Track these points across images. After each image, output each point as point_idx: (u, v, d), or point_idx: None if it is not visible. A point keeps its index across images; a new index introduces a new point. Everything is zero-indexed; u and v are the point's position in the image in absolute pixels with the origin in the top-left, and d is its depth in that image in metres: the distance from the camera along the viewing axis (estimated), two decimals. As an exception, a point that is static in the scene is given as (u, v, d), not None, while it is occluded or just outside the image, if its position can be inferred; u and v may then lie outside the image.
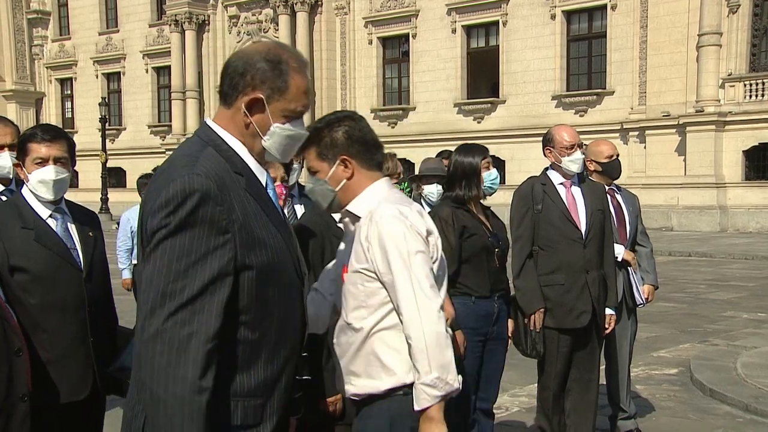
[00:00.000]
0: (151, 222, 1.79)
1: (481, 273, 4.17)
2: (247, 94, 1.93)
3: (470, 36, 28.73)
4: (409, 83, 29.72)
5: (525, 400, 5.99)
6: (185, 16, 33.18)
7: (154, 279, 1.75)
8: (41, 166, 3.08)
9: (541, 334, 4.47)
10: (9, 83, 39.08)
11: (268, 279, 1.87)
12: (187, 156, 1.87)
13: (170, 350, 1.71)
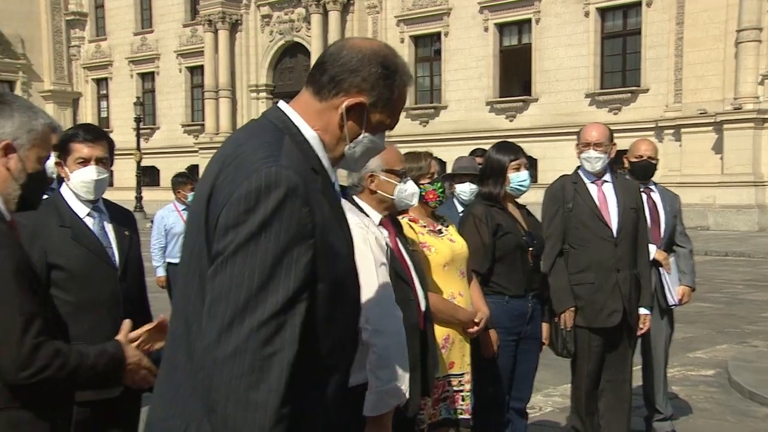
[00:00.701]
0: (226, 217, 1.55)
1: (515, 272, 4.14)
2: (353, 96, 1.73)
3: (502, 34, 28.56)
4: (441, 82, 29.63)
5: (558, 400, 5.95)
6: (218, 16, 33.42)
7: (233, 288, 1.51)
8: (83, 165, 3.12)
9: (572, 333, 4.45)
10: (47, 84, 39.69)
11: (336, 295, 1.67)
12: (267, 145, 1.64)
13: (250, 372, 1.47)
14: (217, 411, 1.49)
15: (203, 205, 1.63)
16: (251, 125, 1.78)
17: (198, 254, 1.64)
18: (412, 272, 3.36)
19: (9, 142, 2.15)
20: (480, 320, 3.78)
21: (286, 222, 1.53)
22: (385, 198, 3.33)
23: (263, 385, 1.48)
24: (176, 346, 1.69)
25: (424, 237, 3.75)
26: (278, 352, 1.50)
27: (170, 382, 1.68)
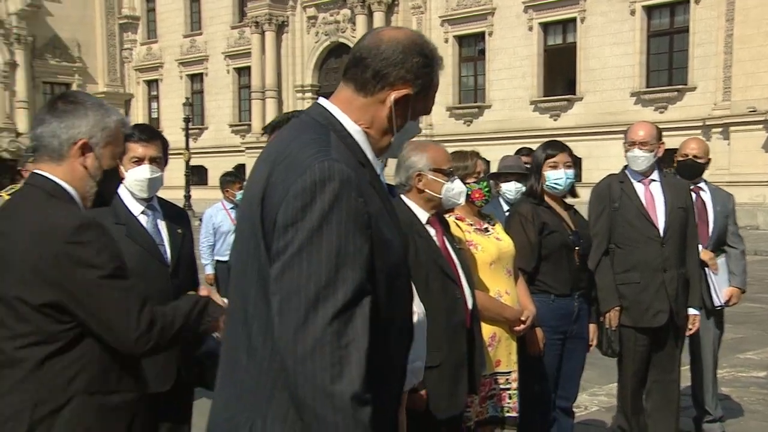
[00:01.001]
0: (284, 215, 1.56)
1: (561, 271, 4.10)
2: (399, 89, 1.73)
3: (547, 33, 28.29)
4: (485, 81, 29.46)
5: (604, 400, 5.88)
6: (265, 18, 33.70)
7: (302, 285, 1.52)
8: (137, 164, 3.18)
9: (617, 333, 4.40)
10: (101, 85, 40.45)
11: (392, 284, 1.68)
12: (315, 141, 1.65)
13: (332, 365, 1.49)
14: (307, 407, 1.51)
15: (256, 206, 1.64)
16: (295, 124, 1.78)
17: (254, 254, 1.65)
18: (459, 271, 3.36)
19: (86, 140, 2.19)
20: (527, 318, 3.75)
21: (344, 213, 1.54)
22: (433, 197, 3.33)
23: (345, 375, 1.50)
24: (236, 346, 1.70)
25: (471, 235, 3.74)
26: (353, 342, 1.52)
27: (232, 380, 1.69)
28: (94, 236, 2.08)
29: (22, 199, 2.21)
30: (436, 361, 3.19)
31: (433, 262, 3.25)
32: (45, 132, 2.18)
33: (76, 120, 2.18)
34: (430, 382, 3.16)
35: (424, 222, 3.35)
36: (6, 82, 37.42)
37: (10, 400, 2.05)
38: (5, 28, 37.07)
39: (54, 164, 2.18)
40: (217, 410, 1.74)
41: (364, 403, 1.52)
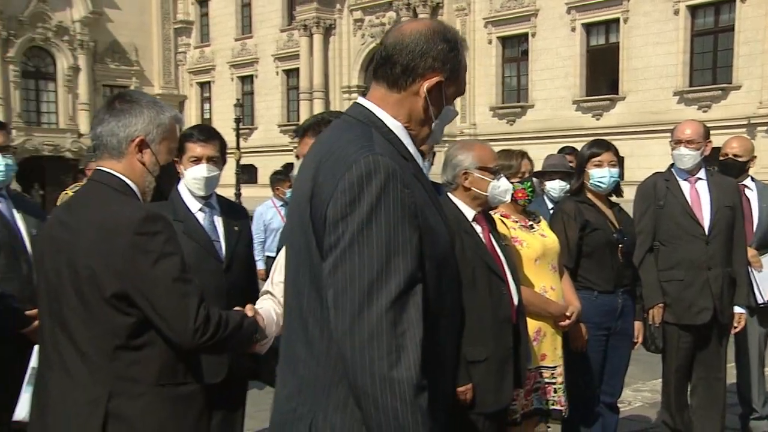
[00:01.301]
0: (334, 210, 1.56)
1: (604, 268, 4.06)
2: (429, 78, 1.73)
3: (589, 34, 27.91)
4: (528, 81, 29.19)
5: (648, 395, 5.80)
6: (313, 21, 33.87)
7: (356, 277, 1.53)
8: (195, 164, 3.22)
9: (661, 329, 4.34)
10: (157, 87, 41.07)
11: (443, 269, 1.68)
12: (359, 137, 1.66)
13: (389, 353, 1.51)
14: (367, 394, 1.52)
15: (305, 205, 1.65)
16: (337, 124, 1.79)
17: (306, 251, 1.66)
18: (505, 267, 3.35)
19: (142, 137, 2.22)
20: (571, 314, 3.72)
21: (392, 205, 1.55)
22: (479, 195, 3.32)
23: (402, 362, 1.51)
24: (294, 340, 1.72)
25: (516, 232, 3.72)
26: (408, 330, 1.53)
27: (293, 373, 1.70)
28: (161, 228, 2.11)
29: (87, 194, 2.25)
30: (483, 355, 3.18)
31: (479, 258, 3.24)
32: (104, 131, 2.22)
33: (132, 118, 2.21)
34: (476, 376, 3.15)
35: (470, 219, 3.35)
36: (69, 86, 38.22)
37: (87, 391, 2.08)
38: (70, 34, 37.84)
39: (114, 161, 2.22)
40: (280, 402, 1.76)
41: (422, 389, 1.53)
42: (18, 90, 36.64)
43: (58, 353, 2.13)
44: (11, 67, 36.26)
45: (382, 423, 1.52)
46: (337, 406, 1.61)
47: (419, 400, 1.52)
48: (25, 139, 34.86)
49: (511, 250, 3.57)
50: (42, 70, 38.08)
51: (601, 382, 4.10)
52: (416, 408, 1.52)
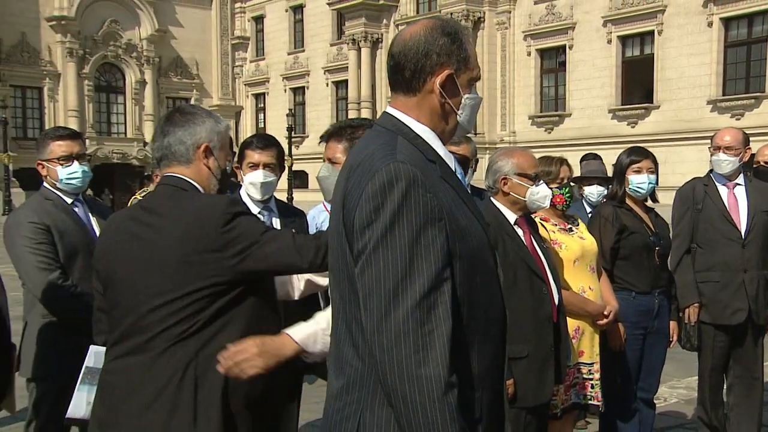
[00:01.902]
0: (359, 217, 1.57)
1: (641, 270, 4.01)
2: (438, 74, 1.70)
3: (625, 45, 27.55)
4: (565, 91, 28.93)
5: (683, 392, 5.69)
6: (361, 35, 34.05)
7: (381, 280, 1.52)
8: (253, 169, 3.27)
9: (696, 328, 4.28)
10: (215, 99, 41.74)
11: (475, 267, 1.65)
12: (383, 146, 1.65)
13: (417, 352, 1.49)
14: (396, 392, 1.51)
15: (339, 212, 1.66)
16: (368, 135, 1.79)
17: (342, 256, 1.66)
18: (546, 268, 3.32)
19: (207, 144, 2.27)
20: (609, 313, 3.68)
21: (414, 210, 1.53)
22: (518, 200, 3.31)
23: (430, 360, 1.49)
24: (342, 342, 1.71)
25: (556, 235, 3.70)
26: (435, 329, 1.51)
27: (341, 372, 1.70)
28: (246, 208, 2.17)
29: (161, 196, 2.25)
30: (524, 352, 3.16)
31: (521, 260, 3.22)
32: (172, 140, 2.26)
33: (197, 127, 2.26)
34: (517, 372, 3.14)
35: (512, 223, 3.33)
36: (136, 98, 39.10)
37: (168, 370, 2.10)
38: (137, 51, 38.75)
39: (183, 167, 2.26)
40: (330, 399, 1.75)
41: (451, 386, 1.51)
42: (91, 103, 37.65)
43: (133, 343, 2.15)
44: (86, 82, 37.29)
45: (411, 420, 1.51)
46: (383, 404, 1.60)
47: (448, 398, 1.50)
48: (96, 148, 35.72)
49: (552, 252, 3.54)
50: (112, 84, 39.08)
51: (638, 379, 4.05)
52: (445, 405, 1.49)
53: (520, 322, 3.08)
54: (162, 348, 2.10)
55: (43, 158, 3.34)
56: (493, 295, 1.74)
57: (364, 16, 33.79)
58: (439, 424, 1.49)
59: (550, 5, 28.85)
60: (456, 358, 1.54)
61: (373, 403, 1.62)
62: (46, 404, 3.18)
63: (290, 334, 2.14)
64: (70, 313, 3.18)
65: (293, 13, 40.00)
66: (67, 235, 3.24)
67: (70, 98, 36.64)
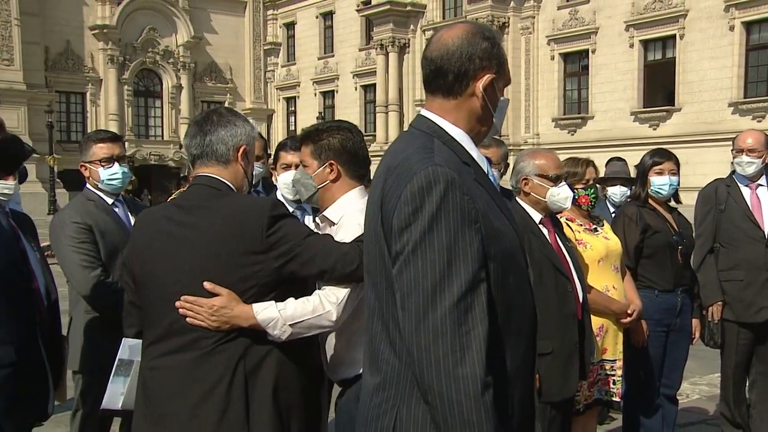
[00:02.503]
0: (398, 219, 1.55)
1: (664, 268, 3.97)
2: (481, 78, 1.68)
3: (647, 49, 27.22)
4: (588, 94, 28.67)
5: (705, 389, 5.61)
6: (389, 41, 34.04)
7: (420, 281, 1.51)
8: (286, 170, 3.27)
9: (720, 326, 4.22)
10: (248, 103, 42.02)
11: (508, 268, 1.64)
12: (421, 149, 1.63)
13: (454, 351, 1.48)
14: (433, 390, 1.50)
15: (377, 212, 1.64)
16: (404, 136, 1.76)
17: (380, 257, 1.65)
18: (571, 266, 3.29)
19: (245, 146, 2.27)
20: (633, 312, 3.64)
21: (451, 213, 1.52)
22: (539, 200, 3.29)
23: (467, 360, 1.48)
24: (378, 341, 1.70)
25: (581, 235, 3.66)
26: (472, 329, 1.50)
27: (377, 369, 1.70)
28: (288, 211, 2.17)
29: (197, 195, 2.21)
30: (548, 348, 3.14)
31: (545, 258, 3.20)
32: (214, 139, 2.23)
33: (237, 128, 2.25)
34: (542, 368, 3.11)
35: (537, 222, 3.31)
36: (173, 102, 39.51)
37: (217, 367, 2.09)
38: (174, 57, 39.17)
39: (221, 167, 2.23)
40: (366, 395, 1.75)
41: (487, 386, 1.50)
42: (130, 107, 38.14)
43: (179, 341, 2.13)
44: (126, 87, 37.78)
45: (448, 418, 1.50)
46: (420, 401, 1.59)
47: (484, 397, 1.49)
48: (135, 150, 36.16)
49: (576, 251, 3.51)
50: (150, 89, 39.52)
51: (660, 375, 4.00)
52: (481, 404, 1.48)
53: (545, 320, 3.02)
54: (209, 347, 2.08)
55: (86, 160, 3.39)
56: (524, 295, 1.72)
57: (391, 22, 33.78)
58: (474, 422, 1.48)
59: (573, 10, 28.62)
60: (491, 357, 1.53)
61: (409, 400, 1.61)
62: (90, 395, 3.23)
63: (255, 309, 2.10)
64: (111, 308, 3.21)
65: (323, 20, 40.14)
66: (108, 234, 3.29)
67: (110, 103, 37.15)
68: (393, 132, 34.22)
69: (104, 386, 2.99)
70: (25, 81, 32.44)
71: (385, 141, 34.47)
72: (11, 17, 32.53)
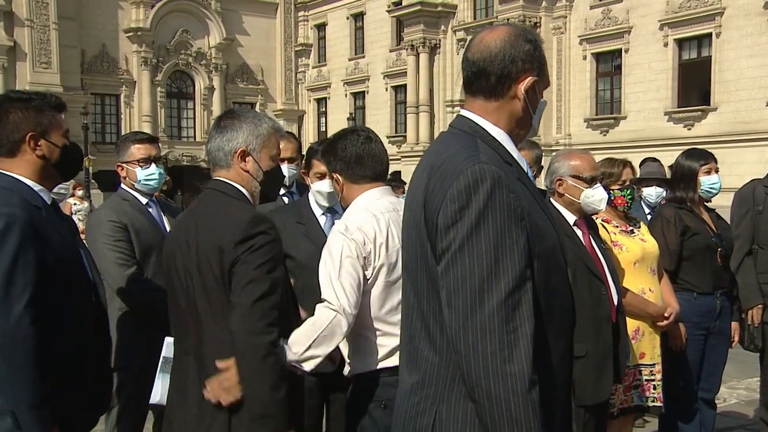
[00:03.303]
0: (444, 217, 1.55)
1: (703, 270, 3.90)
2: (524, 80, 1.68)
3: (681, 48, 26.78)
4: (621, 94, 28.29)
5: (743, 393, 5.50)
6: (420, 41, 33.98)
7: (467, 278, 1.51)
8: (320, 179, 3.27)
9: (760, 329, 4.12)
10: (279, 104, 42.27)
11: (550, 267, 1.64)
12: (465, 148, 1.63)
13: (502, 349, 1.48)
14: (480, 387, 1.50)
15: (419, 212, 1.64)
16: (445, 136, 1.77)
17: (422, 255, 1.65)
18: (605, 269, 3.24)
19: (243, 148, 2.32)
20: (670, 314, 3.57)
21: (498, 210, 1.52)
22: (573, 201, 3.25)
23: (515, 357, 1.48)
24: (417, 339, 1.70)
25: (617, 236, 3.61)
26: (520, 327, 1.50)
27: (416, 368, 1.69)
28: (265, 228, 2.19)
29: (203, 202, 2.36)
30: (582, 351, 3.09)
31: (579, 260, 3.16)
32: (213, 147, 2.35)
33: (234, 132, 2.32)
34: (576, 371, 3.05)
35: (571, 223, 3.27)
36: (205, 104, 39.90)
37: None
38: (206, 59, 39.56)
39: (225, 171, 2.33)
40: (404, 393, 1.74)
41: (534, 383, 1.50)
42: (163, 108, 38.62)
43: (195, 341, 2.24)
44: (159, 89, 38.27)
45: (495, 415, 1.49)
46: (460, 400, 1.59)
47: (531, 394, 1.49)
48: (168, 151, 36.56)
49: (611, 253, 3.45)
50: (183, 90, 39.98)
51: (698, 379, 3.93)
52: (528, 401, 1.48)
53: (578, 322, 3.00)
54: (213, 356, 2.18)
55: (123, 160, 3.44)
56: (565, 295, 1.72)
57: (422, 23, 33.71)
58: (522, 419, 1.48)
59: (606, 10, 28.28)
60: (536, 355, 1.53)
61: (449, 397, 1.61)
62: (125, 391, 3.27)
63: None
64: (145, 306, 3.26)
65: (354, 21, 40.23)
66: (143, 233, 3.34)
67: (144, 104, 37.66)
68: (424, 133, 34.18)
69: (138, 382, 3.07)
70: (62, 84, 33.00)
71: (415, 142, 34.44)
72: (50, 21, 33.17)
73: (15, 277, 2.16)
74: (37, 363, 2.16)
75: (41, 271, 2.23)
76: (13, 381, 2.13)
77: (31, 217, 2.25)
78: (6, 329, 2.13)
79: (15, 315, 2.14)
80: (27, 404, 2.14)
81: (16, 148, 2.35)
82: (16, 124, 2.34)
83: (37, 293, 2.20)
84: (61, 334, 2.33)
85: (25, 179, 2.35)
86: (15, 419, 2.13)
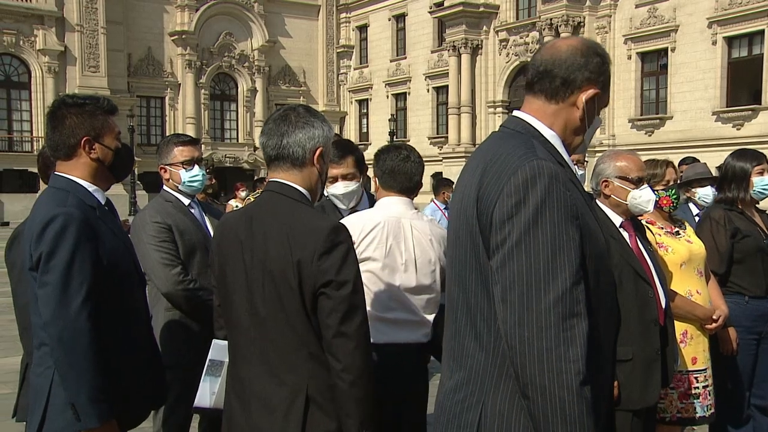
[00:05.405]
0: (500, 211, 1.55)
1: (755, 273, 3.81)
2: (586, 90, 1.70)
3: (731, 46, 26.15)
4: (667, 94, 27.76)
5: (796, 402, 5.31)
6: (462, 42, 33.87)
7: (524, 274, 1.50)
8: (333, 182, 3.27)
9: None
10: (321, 105, 42.55)
11: (600, 269, 1.64)
12: (520, 145, 1.63)
13: (558, 345, 1.47)
14: (534, 384, 1.50)
15: (471, 208, 1.63)
16: (497, 135, 1.76)
17: (472, 251, 1.64)
18: (652, 271, 3.18)
19: (322, 148, 2.21)
20: (718, 317, 3.49)
21: (555, 206, 1.52)
22: (620, 203, 3.21)
23: (571, 354, 1.48)
24: (463, 335, 1.70)
25: (662, 238, 3.54)
26: (576, 325, 1.49)
27: (461, 367, 1.69)
28: (343, 238, 2.08)
29: (267, 205, 2.18)
30: (628, 355, 3.05)
31: (625, 262, 3.11)
32: (291, 141, 2.16)
33: (315, 130, 2.18)
34: (622, 375, 3.02)
35: (617, 225, 3.21)
36: (248, 106, 40.44)
37: (287, 381, 2.09)
38: (249, 61, 40.10)
39: (296, 171, 2.17)
40: (448, 390, 1.73)
41: (587, 382, 1.49)
42: (207, 110, 39.26)
43: (257, 347, 2.12)
44: (202, 91, 38.91)
45: (548, 412, 1.49)
46: (506, 396, 1.59)
47: (585, 392, 1.48)
48: (210, 153, 37.13)
49: (658, 255, 3.39)
50: (226, 92, 40.59)
51: (751, 385, 3.83)
52: (582, 399, 1.48)
53: (624, 325, 2.95)
54: (280, 362, 2.08)
55: (167, 162, 3.49)
56: (612, 298, 1.73)
57: (464, 24, 33.58)
58: (576, 416, 1.48)
59: (652, 8, 27.78)
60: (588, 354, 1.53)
61: (495, 394, 1.61)
62: (173, 390, 3.31)
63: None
64: (190, 306, 3.30)
65: (395, 22, 40.29)
66: (186, 233, 3.38)
67: (188, 106, 38.31)
68: (465, 134, 34.04)
69: (185, 382, 3.09)
70: (109, 87, 33.77)
71: (457, 143, 34.32)
72: (98, 26, 34.01)
73: (73, 273, 2.24)
74: (96, 356, 2.23)
75: (97, 267, 2.31)
76: (73, 373, 2.20)
77: (87, 216, 2.34)
78: (66, 323, 2.21)
79: (74, 309, 2.22)
80: (87, 396, 2.20)
81: (72, 151, 2.45)
82: (71, 128, 2.44)
83: (94, 288, 2.27)
84: (118, 328, 2.38)
85: (81, 180, 2.45)
86: (75, 411, 2.20)
